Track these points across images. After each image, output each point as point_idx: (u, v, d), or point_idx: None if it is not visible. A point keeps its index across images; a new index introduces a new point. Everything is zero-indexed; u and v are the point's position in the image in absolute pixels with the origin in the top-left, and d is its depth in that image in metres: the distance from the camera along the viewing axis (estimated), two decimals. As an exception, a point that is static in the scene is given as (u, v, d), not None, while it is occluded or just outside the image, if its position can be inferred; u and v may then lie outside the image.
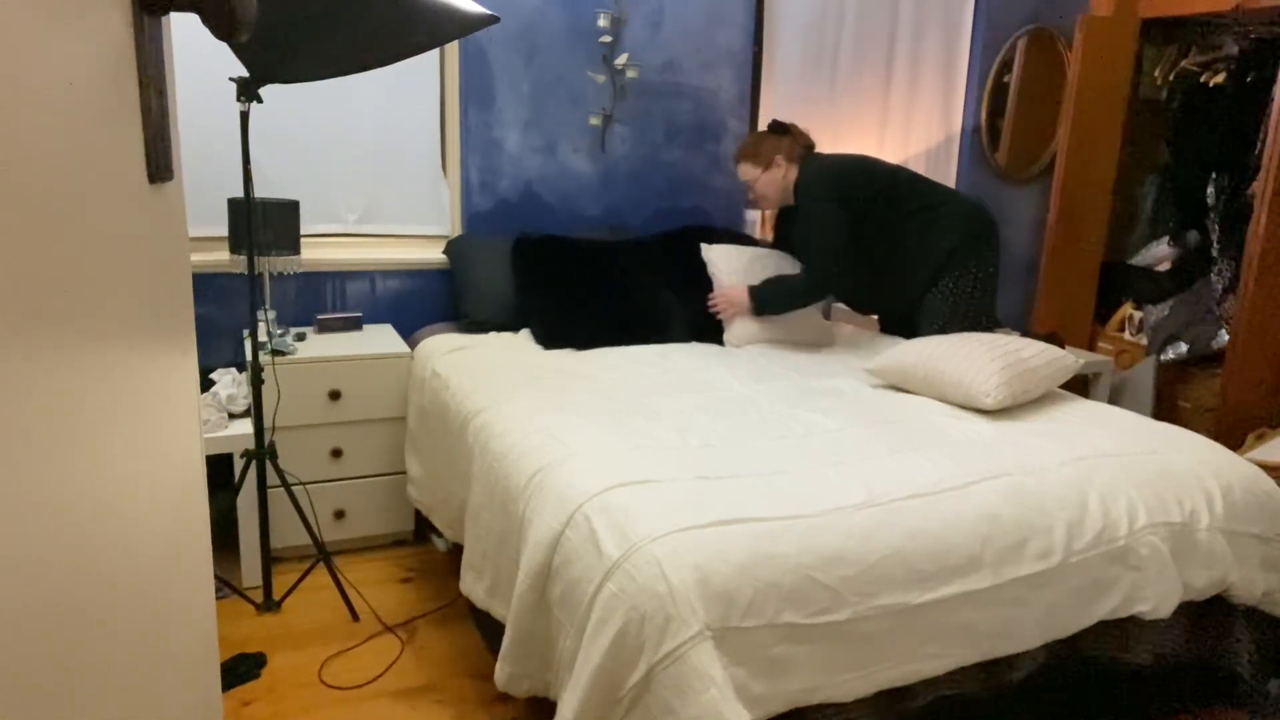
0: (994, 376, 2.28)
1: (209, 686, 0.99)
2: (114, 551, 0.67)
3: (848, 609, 1.58)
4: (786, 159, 2.96)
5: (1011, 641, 1.75)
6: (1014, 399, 2.29)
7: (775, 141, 2.98)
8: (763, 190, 3.01)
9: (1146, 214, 4.27)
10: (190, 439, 0.91)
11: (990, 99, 3.97)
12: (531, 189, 3.33)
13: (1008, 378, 2.28)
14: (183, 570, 0.88)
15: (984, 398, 2.26)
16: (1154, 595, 1.86)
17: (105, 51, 0.65)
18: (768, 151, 2.97)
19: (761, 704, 1.51)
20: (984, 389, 2.27)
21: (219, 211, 2.66)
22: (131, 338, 0.72)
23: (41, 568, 0.54)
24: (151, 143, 0.73)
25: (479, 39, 3.10)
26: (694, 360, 2.74)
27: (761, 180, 2.98)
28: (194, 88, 2.50)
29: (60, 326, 0.57)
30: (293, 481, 2.56)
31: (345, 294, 3.15)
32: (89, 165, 0.62)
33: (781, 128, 3.02)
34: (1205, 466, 2.05)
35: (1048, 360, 2.40)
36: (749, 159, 3.00)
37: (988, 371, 2.29)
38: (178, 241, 0.87)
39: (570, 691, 1.55)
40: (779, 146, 2.97)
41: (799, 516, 1.66)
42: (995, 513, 1.77)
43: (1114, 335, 4.16)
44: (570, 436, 2.00)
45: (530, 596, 1.74)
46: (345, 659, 2.30)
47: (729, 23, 3.47)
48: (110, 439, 0.66)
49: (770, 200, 3.05)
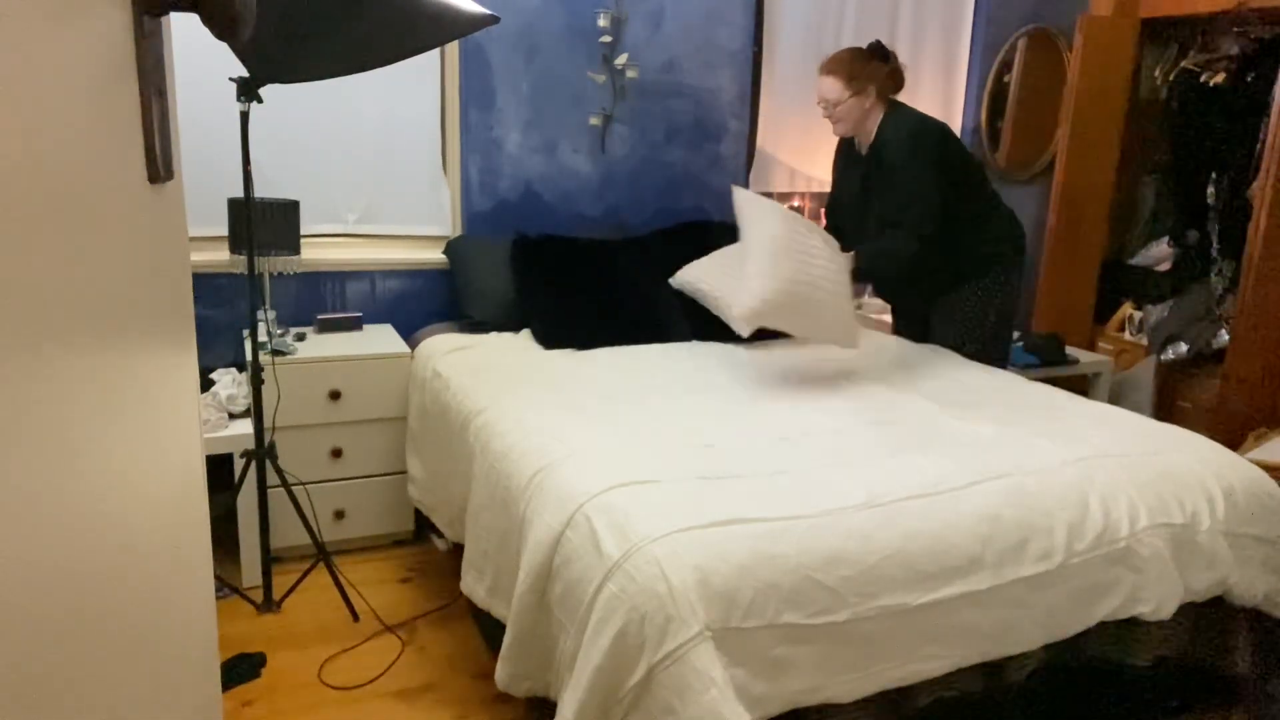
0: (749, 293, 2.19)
1: (209, 686, 0.99)
2: (114, 551, 0.67)
3: (848, 609, 1.58)
4: (878, 92, 2.75)
5: (1012, 642, 1.75)
6: (775, 318, 2.26)
7: (874, 68, 2.73)
8: (843, 114, 2.75)
9: (1146, 214, 4.27)
10: (190, 439, 0.91)
11: (990, 99, 3.97)
12: (531, 189, 3.33)
13: (770, 291, 2.23)
14: (183, 570, 0.88)
15: (736, 322, 2.24)
16: (1155, 596, 1.86)
17: (105, 51, 0.65)
18: (864, 77, 2.72)
19: (762, 704, 1.51)
20: (734, 311, 2.24)
21: (219, 211, 2.66)
22: (132, 337, 0.72)
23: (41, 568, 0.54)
24: (151, 143, 0.73)
25: (479, 39, 3.10)
26: (694, 360, 2.74)
27: (847, 104, 2.73)
28: (194, 88, 2.49)
29: (60, 326, 0.57)
30: (293, 481, 2.56)
31: (345, 294, 3.15)
32: (89, 165, 0.62)
33: (883, 54, 2.76)
34: (1206, 467, 2.05)
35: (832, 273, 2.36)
36: (842, 77, 2.72)
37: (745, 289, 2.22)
38: (178, 241, 0.87)
39: (570, 691, 1.55)
40: (876, 74, 2.73)
41: (799, 517, 1.66)
42: (996, 513, 1.77)
43: (1114, 335, 4.16)
44: (571, 436, 2.00)
45: (530, 596, 1.74)
46: (345, 659, 2.30)
47: (729, 23, 3.47)
48: (110, 439, 0.66)
49: (844, 127, 2.81)
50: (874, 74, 2.73)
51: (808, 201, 3.85)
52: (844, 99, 2.72)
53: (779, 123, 3.69)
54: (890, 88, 2.78)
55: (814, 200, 3.86)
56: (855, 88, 2.72)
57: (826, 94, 2.75)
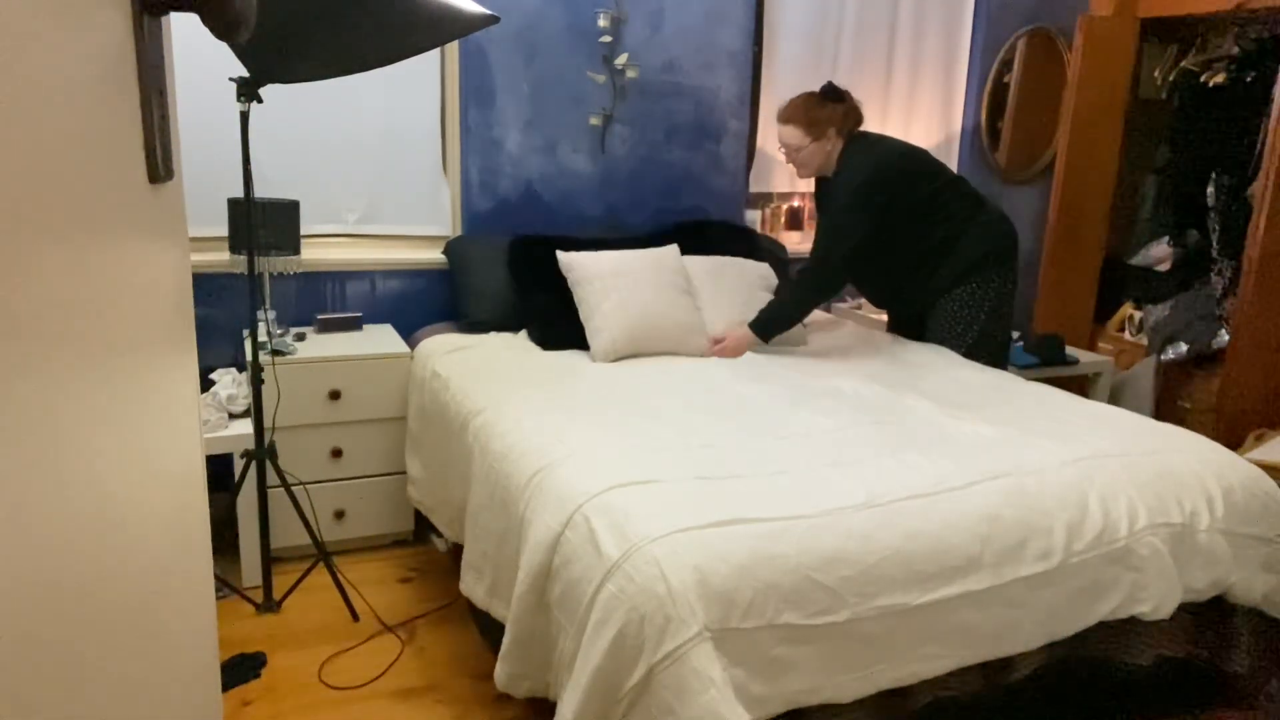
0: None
1: (209, 686, 0.99)
2: (114, 551, 0.67)
3: (847, 610, 1.58)
4: (837, 132, 2.81)
5: (1011, 642, 1.75)
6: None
7: (830, 111, 2.80)
8: (805, 159, 2.85)
9: (1146, 214, 4.26)
10: (190, 439, 0.91)
11: (990, 99, 3.97)
12: (531, 189, 3.33)
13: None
14: (183, 570, 0.88)
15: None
16: (1154, 596, 1.86)
17: (105, 51, 0.65)
18: (822, 122, 2.79)
19: (761, 705, 1.51)
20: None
21: (219, 211, 2.66)
22: (131, 338, 0.72)
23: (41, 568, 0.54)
24: (151, 143, 0.73)
25: (479, 39, 3.10)
26: (694, 360, 2.74)
27: (809, 150, 2.82)
28: (194, 88, 2.49)
29: (60, 327, 0.57)
30: (293, 481, 2.56)
31: (345, 294, 3.15)
32: (89, 165, 0.62)
33: (837, 95, 2.83)
34: (1206, 467, 2.05)
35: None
36: (800, 124, 2.81)
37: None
38: (178, 241, 0.87)
39: (570, 692, 1.55)
40: (833, 118, 2.80)
41: (799, 517, 1.66)
42: (995, 513, 1.77)
43: (1114, 335, 4.16)
44: (570, 436, 2.00)
45: (530, 597, 1.74)
46: (345, 659, 2.30)
47: (729, 23, 3.47)
48: (110, 439, 0.66)
49: (809, 170, 2.89)
50: (830, 117, 2.81)
51: (807, 201, 3.85)
52: (805, 145, 2.81)
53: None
54: (849, 125, 2.85)
55: (814, 200, 3.86)
56: (814, 133, 2.81)
57: (788, 141, 2.85)
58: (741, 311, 2.93)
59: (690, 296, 2.92)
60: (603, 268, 2.83)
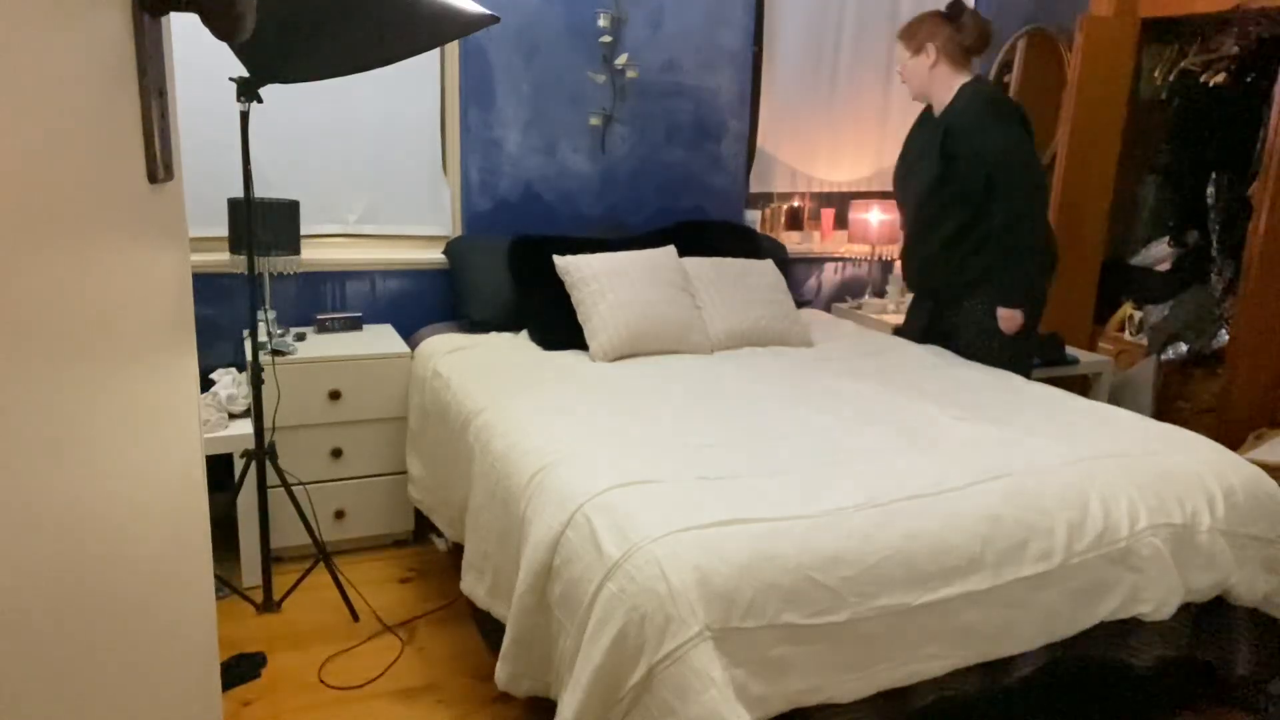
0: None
1: (209, 686, 0.99)
2: (114, 552, 0.67)
3: (847, 610, 1.58)
4: (939, 51, 2.67)
5: (1012, 642, 1.75)
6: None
7: (934, 27, 2.68)
8: (907, 75, 2.74)
9: (1146, 214, 4.26)
10: (190, 439, 0.91)
11: (990, 99, 3.96)
12: (531, 189, 3.33)
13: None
14: (183, 570, 0.88)
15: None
16: (1155, 597, 1.86)
17: (105, 51, 0.65)
18: (921, 35, 2.68)
19: (761, 704, 1.51)
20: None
21: (219, 211, 2.66)
22: (131, 338, 0.72)
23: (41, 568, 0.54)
24: (151, 143, 0.73)
25: (479, 39, 3.10)
26: (695, 359, 2.74)
27: (910, 65, 2.73)
28: (194, 88, 2.49)
29: (60, 327, 0.57)
30: (293, 481, 2.56)
31: (345, 294, 3.15)
32: (89, 165, 0.62)
33: (952, 13, 2.69)
34: (1207, 467, 2.05)
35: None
36: (902, 37, 2.73)
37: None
38: (178, 242, 0.87)
39: (570, 691, 1.55)
40: (935, 33, 2.67)
41: (799, 517, 1.66)
42: (996, 513, 1.77)
43: (1114, 335, 4.16)
44: (571, 436, 2.00)
45: (530, 596, 1.74)
46: (345, 659, 2.30)
47: (729, 23, 3.47)
48: (110, 439, 0.66)
49: (910, 88, 2.79)
50: (933, 32, 2.67)
51: (808, 201, 3.85)
52: (905, 59, 2.73)
53: (779, 123, 3.69)
54: (955, 49, 2.68)
55: (814, 200, 3.86)
56: (914, 46, 2.70)
57: (899, 57, 2.77)
58: (742, 311, 2.92)
59: (689, 295, 2.92)
60: (598, 269, 2.83)
